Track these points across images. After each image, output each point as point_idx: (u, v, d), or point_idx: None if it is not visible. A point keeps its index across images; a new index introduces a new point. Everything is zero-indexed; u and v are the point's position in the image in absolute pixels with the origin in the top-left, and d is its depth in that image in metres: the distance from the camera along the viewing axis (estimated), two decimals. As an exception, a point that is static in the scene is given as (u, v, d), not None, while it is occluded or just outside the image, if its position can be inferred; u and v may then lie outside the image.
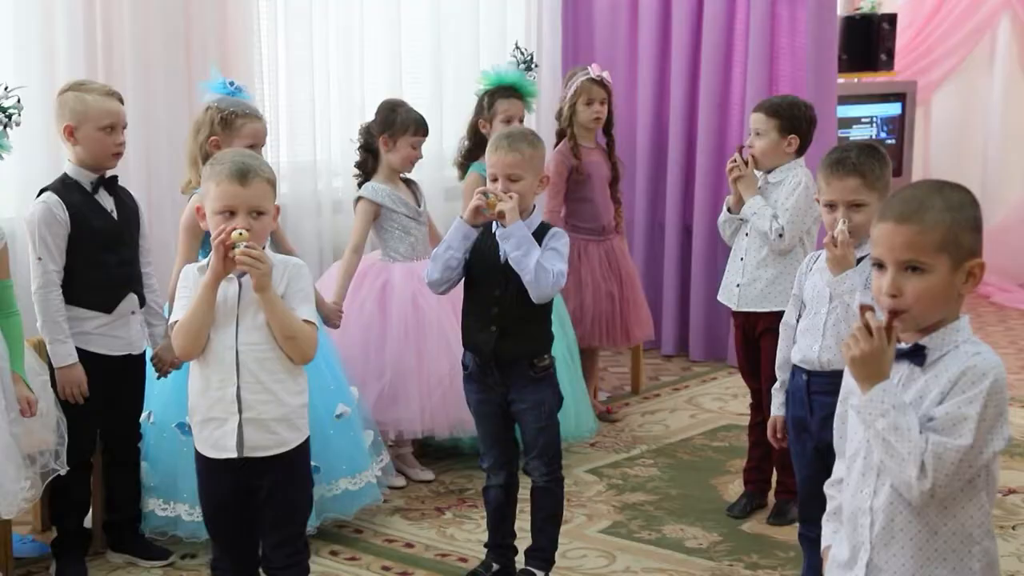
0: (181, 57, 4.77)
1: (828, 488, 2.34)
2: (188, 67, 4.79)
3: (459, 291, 3.53)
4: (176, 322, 2.91)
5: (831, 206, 3.23)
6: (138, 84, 4.62)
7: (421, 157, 4.57)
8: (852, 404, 2.18)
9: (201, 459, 2.98)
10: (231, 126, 3.92)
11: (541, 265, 3.30)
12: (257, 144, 3.95)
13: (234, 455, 2.89)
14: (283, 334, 2.88)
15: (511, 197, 3.31)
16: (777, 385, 3.47)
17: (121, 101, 3.66)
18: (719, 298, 4.31)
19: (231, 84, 4.06)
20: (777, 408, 3.46)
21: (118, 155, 3.64)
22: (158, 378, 3.73)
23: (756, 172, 4.13)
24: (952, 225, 2.07)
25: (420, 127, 4.52)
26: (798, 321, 3.39)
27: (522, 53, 4.99)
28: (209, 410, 2.91)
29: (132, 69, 4.61)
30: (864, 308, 2.08)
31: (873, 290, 2.13)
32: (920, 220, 2.06)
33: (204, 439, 2.95)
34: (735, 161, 4.12)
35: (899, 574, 2.12)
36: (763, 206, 4.06)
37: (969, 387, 2.04)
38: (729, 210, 4.19)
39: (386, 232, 4.54)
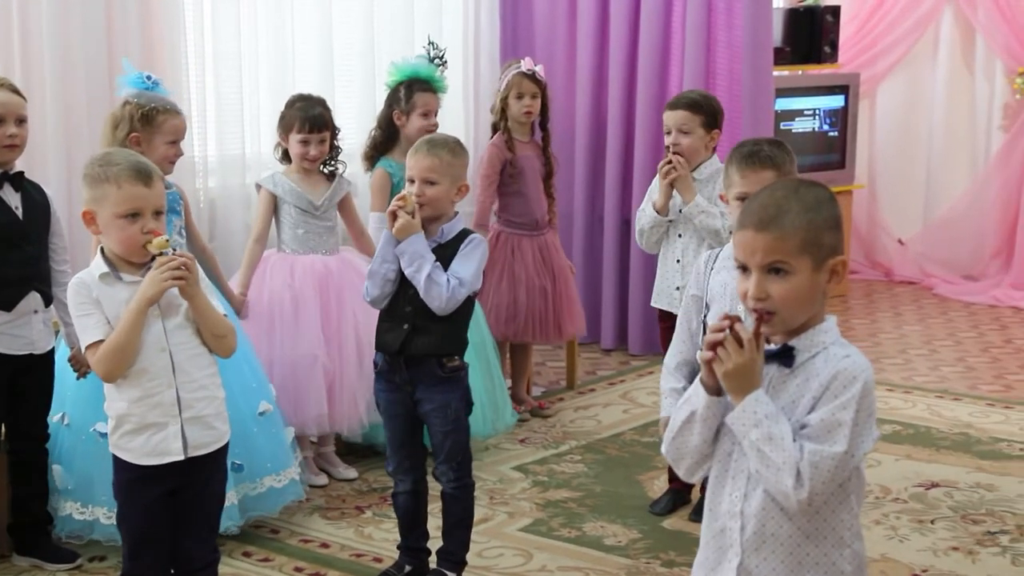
0: (102, 49, 4.65)
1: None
2: (110, 59, 4.67)
3: (355, 288, 3.44)
4: (94, 344, 2.76)
5: (742, 199, 3.19)
6: (57, 78, 4.51)
7: (320, 153, 4.36)
8: (727, 418, 2.09)
9: (132, 469, 2.84)
10: (152, 122, 3.86)
11: (431, 279, 3.26)
12: (178, 140, 3.93)
13: (180, 457, 2.82)
14: (214, 333, 2.85)
15: (409, 213, 3.25)
16: (677, 386, 3.20)
17: (16, 92, 3.55)
18: (654, 304, 4.22)
19: (148, 78, 3.99)
20: (667, 409, 3.18)
21: (11, 147, 3.51)
22: (77, 379, 3.64)
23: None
24: (810, 227, 2.06)
25: (305, 125, 4.32)
26: (705, 324, 3.25)
27: (435, 48, 4.93)
28: (145, 417, 2.81)
29: (50, 62, 4.49)
30: (732, 319, 2.06)
31: (739, 292, 2.11)
32: (779, 226, 2.06)
33: (137, 448, 2.82)
34: (671, 162, 4.02)
35: None
36: (708, 204, 4.00)
37: (841, 391, 2.03)
38: (657, 213, 4.08)
39: (279, 222, 4.42)
